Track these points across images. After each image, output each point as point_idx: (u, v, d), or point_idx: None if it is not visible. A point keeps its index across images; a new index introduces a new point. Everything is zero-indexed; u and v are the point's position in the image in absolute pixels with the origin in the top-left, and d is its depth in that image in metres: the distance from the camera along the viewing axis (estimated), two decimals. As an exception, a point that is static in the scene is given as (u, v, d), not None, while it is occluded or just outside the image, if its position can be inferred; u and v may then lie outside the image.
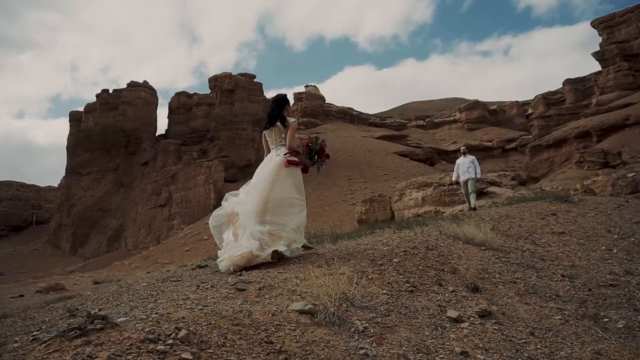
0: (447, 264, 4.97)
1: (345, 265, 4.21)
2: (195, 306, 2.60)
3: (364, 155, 70.62)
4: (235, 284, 3.49)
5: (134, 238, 64.16)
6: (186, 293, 3.29)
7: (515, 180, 30.92)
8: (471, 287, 4.21)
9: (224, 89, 67.64)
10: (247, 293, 3.22)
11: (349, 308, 3.03)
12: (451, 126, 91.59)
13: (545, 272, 5.36)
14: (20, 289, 22.96)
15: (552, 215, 10.31)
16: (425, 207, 29.95)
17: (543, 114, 71.95)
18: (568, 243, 7.42)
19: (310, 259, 4.60)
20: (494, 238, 6.58)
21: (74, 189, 71.41)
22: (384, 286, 3.73)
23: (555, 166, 58.22)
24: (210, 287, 3.48)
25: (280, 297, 3.08)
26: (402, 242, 5.63)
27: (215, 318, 2.32)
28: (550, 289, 4.66)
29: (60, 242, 71.41)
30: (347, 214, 47.49)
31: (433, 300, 3.60)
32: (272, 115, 5.03)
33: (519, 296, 4.24)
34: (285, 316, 2.60)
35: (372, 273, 4.02)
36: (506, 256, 5.86)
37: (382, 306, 3.23)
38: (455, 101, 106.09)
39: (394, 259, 4.67)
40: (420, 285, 3.99)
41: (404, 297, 3.56)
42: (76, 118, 74.16)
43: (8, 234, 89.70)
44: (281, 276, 3.73)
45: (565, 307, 4.07)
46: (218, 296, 3.14)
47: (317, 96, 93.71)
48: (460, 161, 13.35)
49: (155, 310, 2.55)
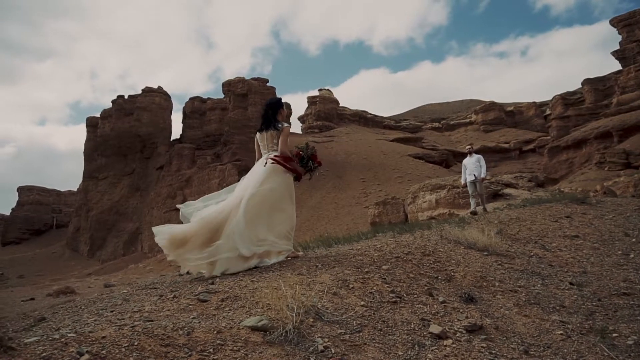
0: (443, 271, 4.60)
1: (327, 273, 3.88)
2: (133, 322, 2.31)
3: (378, 158, 70.04)
4: (199, 293, 3.19)
5: (149, 241, 64.58)
6: (144, 304, 3.01)
7: (533, 181, 30.10)
8: (465, 297, 3.83)
9: (237, 94, 67.92)
10: (208, 305, 2.91)
11: (315, 322, 2.69)
12: (467, 128, 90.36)
13: (552, 280, 4.94)
14: (35, 291, 23.19)
15: (566, 217, 9.80)
16: (439, 209, 29.39)
17: (561, 115, 70.28)
18: (581, 247, 6.94)
19: (293, 266, 4.29)
20: (499, 242, 6.16)
21: (91, 193, 72.48)
22: (364, 297, 3.38)
23: (575, 167, 56.79)
24: (172, 297, 3.19)
25: (240, 309, 2.76)
26: (397, 247, 5.27)
27: (142, 338, 2.02)
28: (555, 299, 4.24)
29: (79, 245, 72.48)
30: (361, 217, 46.98)
31: (418, 313, 3.24)
32: (266, 119, 4.82)
33: (518, 307, 3.84)
34: (234, 334, 2.29)
35: (354, 282, 3.68)
36: (510, 262, 5.44)
37: (356, 320, 2.88)
38: (471, 103, 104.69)
39: (383, 266, 4.32)
40: (407, 295, 3.63)
41: (384, 309, 3.20)
42: (93, 124, 75.34)
43: (29, 237, 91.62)
44: (253, 285, 3.41)
45: (569, 320, 3.65)
46: (174, 308, 2.84)
47: (330, 99, 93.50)
48: (467, 161, 12.53)
49: (80, 327, 2.27)
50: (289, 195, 4.69)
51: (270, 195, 4.45)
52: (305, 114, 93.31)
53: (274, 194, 4.50)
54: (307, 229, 44.39)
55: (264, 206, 4.38)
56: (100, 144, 72.48)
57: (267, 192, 4.42)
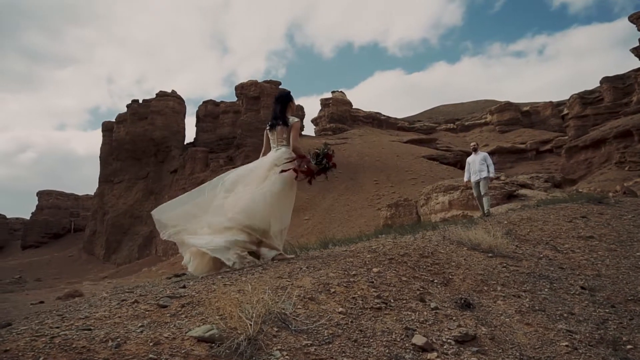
0: (440, 274, 4.24)
1: (310, 276, 3.56)
2: (61, 332, 2.03)
3: (392, 160, 69.35)
4: (160, 298, 2.90)
5: (163, 245, 64.95)
6: (98, 311, 2.73)
7: (549, 182, 29.30)
8: (461, 303, 3.47)
9: (250, 96, 68.07)
10: (165, 311, 2.62)
11: (279, 332, 2.37)
12: (482, 129, 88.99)
13: (562, 284, 4.53)
14: (48, 294, 23.37)
15: (581, 217, 9.29)
16: (453, 211, 28.81)
17: (579, 114, 68.62)
18: (596, 249, 6.48)
19: (277, 268, 3.98)
20: (506, 243, 5.75)
21: (107, 197, 73.32)
22: (345, 302, 3.05)
23: (594, 167, 55.34)
24: (133, 302, 2.91)
25: (197, 317, 2.46)
26: (394, 249, 4.92)
27: (54, 352, 1.74)
28: (563, 305, 3.85)
29: (95, 249, 73.32)
30: (374, 219, 46.35)
31: (403, 321, 2.89)
32: (274, 114, 4.79)
33: (521, 314, 3.46)
34: (175, 346, 1.99)
35: (337, 286, 3.35)
36: (516, 264, 5.04)
37: (329, 329, 2.55)
38: (486, 103, 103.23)
39: (373, 269, 3.98)
40: (395, 300, 3.28)
41: (365, 316, 2.87)
42: (108, 128, 76.25)
43: (48, 241, 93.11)
44: (224, 289, 3.11)
45: (577, 329, 3.26)
46: (127, 315, 2.56)
47: (344, 101, 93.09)
48: (471, 159, 11.50)
49: (7, 336, 1.98)
50: (286, 196, 4.52)
51: (269, 194, 4.37)
52: (318, 117, 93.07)
53: (274, 192, 4.41)
54: (319, 231, 44.00)
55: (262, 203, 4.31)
56: (115, 148, 73.30)
57: (267, 191, 4.35)
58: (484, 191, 11.09)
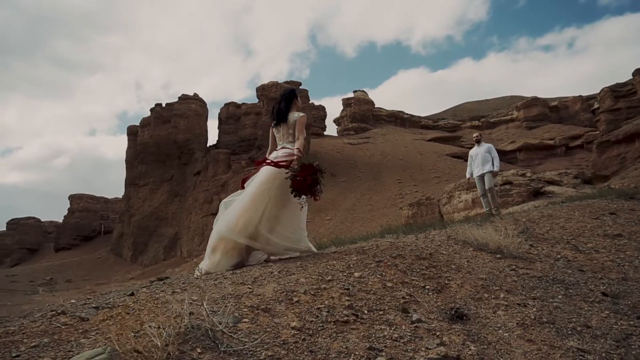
0: (435, 279, 3.71)
1: (276, 282, 3.09)
2: None
3: (415, 158, 68.19)
4: (89, 309, 2.50)
5: (188, 246, 65.76)
6: (23, 323, 2.36)
7: (579, 178, 27.97)
8: (451, 314, 2.94)
9: (271, 98, 68.06)
10: (81, 325, 2.21)
11: (203, 354, 1.93)
12: (508, 125, 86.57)
13: (579, 289, 3.92)
14: (74, 296, 23.73)
15: (609, 214, 8.52)
16: (476, 209, 27.84)
17: (611, 108, 65.76)
18: (623, 248, 5.78)
19: (243, 272, 3.54)
20: (518, 243, 5.13)
21: (133, 200, 74.67)
22: (305, 314, 2.57)
23: (628, 163, 52.84)
24: (60, 313, 2.52)
25: (108, 334, 2.04)
26: (388, 250, 4.40)
27: None
28: (578, 316, 3.26)
29: (122, 251, 74.77)
30: (396, 218, 45.45)
31: (372, 338, 2.40)
32: (279, 111, 4.74)
33: (523, 328, 2.90)
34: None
35: (303, 294, 2.87)
36: (528, 267, 4.44)
37: (270, 349, 2.08)
38: (512, 99, 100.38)
39: (355, 273, 3.49)
40: (370, 312, 2.79)
41: (325, 332, 2.38)
42: (133, 132, 77.64)
43: (79, 243, 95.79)
44: (170, 297, 2.68)
45: (591, 347, 2.68)
46: (38, 330, 2.16)
47: (365, 101, 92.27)
48: (474, 152, 10.21)
49: None
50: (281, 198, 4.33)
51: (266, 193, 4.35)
52: (341, 117, 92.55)
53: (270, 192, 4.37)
54: (340, 231, 43.44)
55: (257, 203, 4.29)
56: (140, 151, 74.57)
57: (264, 190, 4.35)
58: (489, 186, 9.88)
